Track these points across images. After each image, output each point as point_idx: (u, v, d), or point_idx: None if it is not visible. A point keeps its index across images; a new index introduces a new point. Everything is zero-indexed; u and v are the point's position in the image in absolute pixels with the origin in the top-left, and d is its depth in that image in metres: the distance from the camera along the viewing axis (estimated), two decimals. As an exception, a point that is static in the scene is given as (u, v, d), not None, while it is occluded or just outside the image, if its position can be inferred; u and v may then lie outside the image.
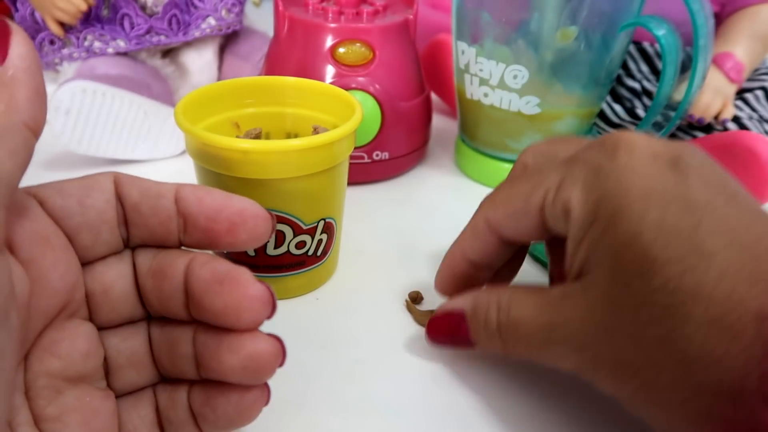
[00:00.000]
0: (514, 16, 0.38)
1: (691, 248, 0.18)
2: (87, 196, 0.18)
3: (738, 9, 0.44)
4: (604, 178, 0.20)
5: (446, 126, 0.53)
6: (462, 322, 0.25)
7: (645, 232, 0.19)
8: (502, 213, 0.25)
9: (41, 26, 0.47)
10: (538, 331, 0.22)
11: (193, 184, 0.20)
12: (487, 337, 0.24)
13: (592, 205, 0.20)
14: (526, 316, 0.22)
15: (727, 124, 0.42)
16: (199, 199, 0.19)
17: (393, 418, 0.25)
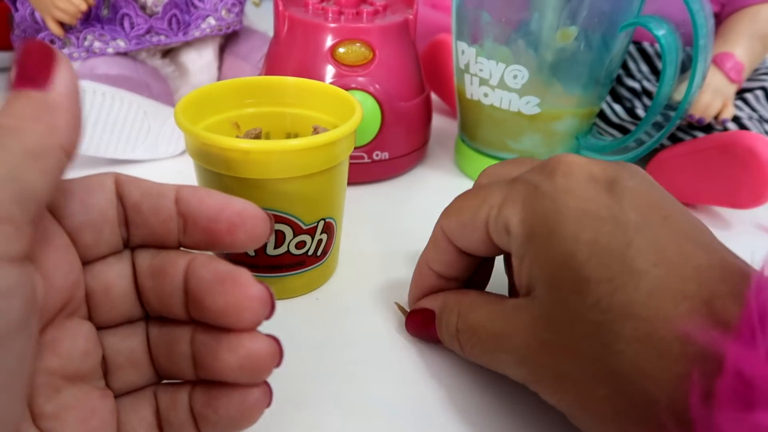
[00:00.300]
0: (514, 16, 0.38)
1: (622, 267, 0.19)
2: (89, 195, 0.18)
3: (738, 9, 0.44)
4: (540, 197, 0.22)
5: (446, 126, 0.53)
6: (432, 320, 0.27)
7: (579, 252, 0.20)
8: (454, 223, 0.25)
9: (41, 26, 0.47)
10: (490, 338, 0.23)
11: (193, 186, 0.20)
12: (448, 338, 0.26)
13: (530, 224, 0.22)
14: (481, 323, 0.24)
15: (727, 124, 0.42)
16: (200, 199, 0.19)
17: (393, 418, 0.25)
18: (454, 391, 0.26)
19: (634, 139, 0.41)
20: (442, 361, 0.28)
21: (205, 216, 0.19)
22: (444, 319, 0.26)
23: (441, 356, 0.28)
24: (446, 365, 0.27)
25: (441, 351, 0.28)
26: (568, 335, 0.20)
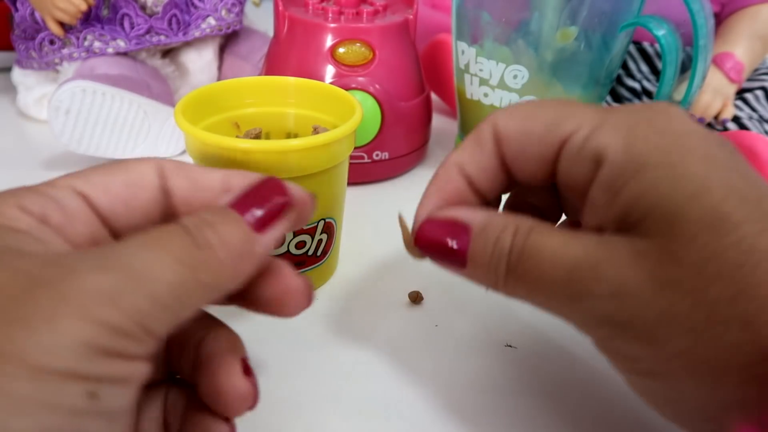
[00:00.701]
0: (514, 16, 0.38)
1: (761, 214, 0.18)
2: (133, 197, 0.18)
3: (738, 9, 0.44)
4: (657, 131, 0.19)
5: (446, 126, 0.53)
6: (464, 234, 0.21)
7: (714, 190, 0.18)
8: (516, 127, 0.22)
9: (41, 26, 0.47)
10: (561, 265, 0.19)
11: (241, 172, 0.20)
12: (489, 260, 0.21)
13: (640, 154, 0.19)
14: (550, 245, 0.20)
15: (727, 124, 0.42)
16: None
17: (393, 418, 0.25)
18: (455, 391, 0.26)
19: (634, 139, 0.41)
20: (443, 361, 0.28)
21: None
22: (491, 236, 0.21)
23: (441, 356, 0.28)
24: (447, 365, 0.27)
25: (441, 351, 0.28)
26: (695, 274, 0.18)
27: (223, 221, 0.17)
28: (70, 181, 0.18)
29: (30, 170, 0.43)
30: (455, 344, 0.29)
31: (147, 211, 0.19)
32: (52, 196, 0.17)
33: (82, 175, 0.18)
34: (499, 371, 0.27)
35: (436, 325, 0.30)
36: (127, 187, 0.18)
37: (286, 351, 0.28)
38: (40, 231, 0.16)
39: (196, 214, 0.17)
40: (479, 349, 0.28)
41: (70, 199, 0.17)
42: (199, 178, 0.19)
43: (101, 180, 0.18)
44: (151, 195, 0.19)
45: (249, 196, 0.18)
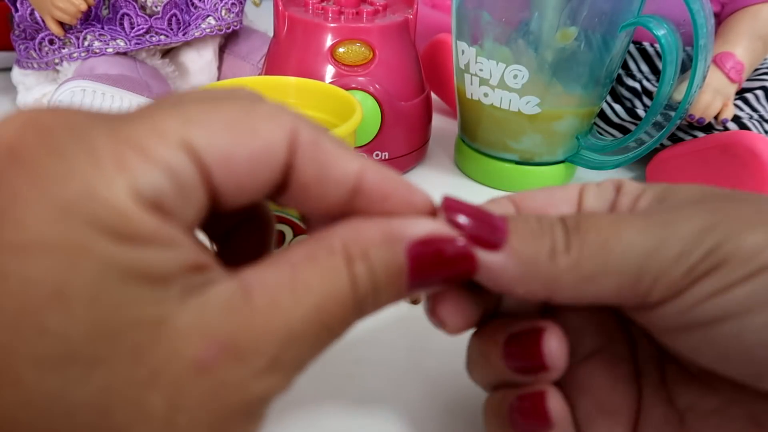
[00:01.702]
0: (514, 16, 0.38)
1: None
2: (253, 178, 0.14)
3: (738, 9, 0.44)
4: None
5: (446, 126, 0.53)
6: (499, 219, 0.17)
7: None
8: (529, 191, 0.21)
9: (41, 26, 0.47)
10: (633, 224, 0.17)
11: (380, 168, 0.16)
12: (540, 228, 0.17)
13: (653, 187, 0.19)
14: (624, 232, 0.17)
15: (728, 124, 0.42)
16: (384, 198, 0.16)
17: (393, 418, 0.25)
18: (455, 391, 0.26)
19: (635, 139, 0.41)
20: (443, 361, 0.28)
21: (377, 211, 0.16)
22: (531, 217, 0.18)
23: (442, 356, 0.28)
24: (447, 365, 0.27)
25: (442, 351, 0.28)
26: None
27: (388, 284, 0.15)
28: (184, 132, 0.13)
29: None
30: (455, 344, 0.29)
31: (257, 193, 0.15)
32: (165, 164, 0.13)
33: (200, 122, 0.13)
34: (499, 371, 0.27)
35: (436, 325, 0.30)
36: (250, 162, 0.14)
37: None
38: (159, 230, 0.13)
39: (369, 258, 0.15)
40: (479, 349, 0.28)
41: (186, 170, 0.13)
42: (331, 167, 0.15)
43: (225, 144, 0.14)
44: (273, 176, 0.15)
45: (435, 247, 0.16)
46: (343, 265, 0.14)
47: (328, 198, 0.15)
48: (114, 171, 0.12)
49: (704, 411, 0.18)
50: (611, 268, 0.16)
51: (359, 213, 0.16)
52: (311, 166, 0.15)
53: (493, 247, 0.17)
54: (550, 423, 0.18)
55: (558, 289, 0.17)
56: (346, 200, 0.16)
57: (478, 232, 0.17)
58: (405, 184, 0.16)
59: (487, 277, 0.17)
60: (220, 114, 0.14)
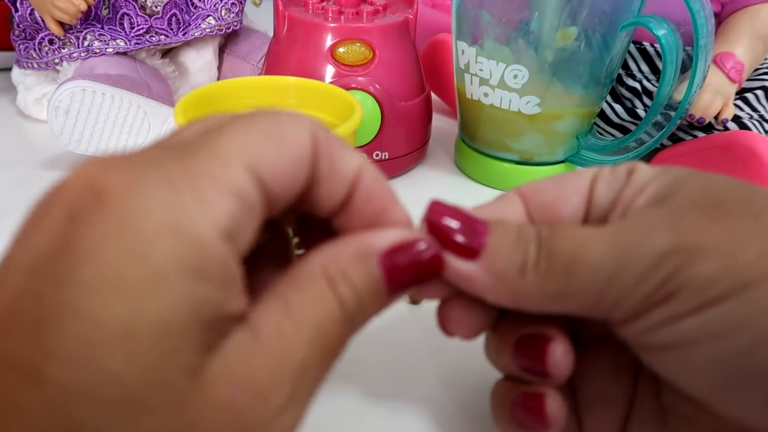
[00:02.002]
0: (514, 16, 0.38)
1: None
2: (295, 179, 0.15)
3: (738, 9, 0.44)
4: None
5: (446, 126, 0.53)
6: (479, 224, 0.18)
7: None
8: (539, 182, 0.21)
9: (41, 26, 0.47)
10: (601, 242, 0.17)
11: (374, 169, 0.17)
12: (515, 241, 0.18)
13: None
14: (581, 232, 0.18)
15: (728, 124, 0.42)
16: (370, 198, 0.17)
17: (393, 418, 0.25)
18: (455, 391, 0.26)
19: (635, 138, 0.41)
20: (443, 361, 0.28)
21: (361, 218, 0.17)
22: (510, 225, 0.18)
23: (441, 356, 0.28)
24: (447, 364, 0.27)
25: (442, 351, 0.28)
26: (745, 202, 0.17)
27: (371, 298, 0.16)
28: (244, 156, 0.14)
29: (29, 170, 0.43)
30: (455, 344, 0.29)
31: (298, 191, 0.15)
32: (236, 190, 0.13)
33: (251, 144, 0.14)
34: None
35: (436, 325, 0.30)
36: (293, 167, 0.15)
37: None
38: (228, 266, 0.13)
39: (349, 278, 0.15)
40: (479, 348, 0.28)
41: (252, 192, 0.14)
42: (338, 162, 0.16)
43: (272, 157, 0.14)
44: (307, 173, 0.15)
45: (403, 254, 0.16)
46: (328, 289, 0.15)
47: (335, 193, 0.16)
48: (195, 203, 0.13)
49: (680, 414, 0.19)
50: (574, 289, 0.17)
51: (349, 215, 0.17)
52: (327, 162, 0.16)
53: (468, 257, 0.18)
54: (547, 423, 0.19)
55: (525, 303, 0.18)
56: (346, 197, 0.16)
57: (455, 240, 0.18)
58: (389, 190, 0.17)
59: (461, 283, 0.18)
60: (260, 129, 0.15)
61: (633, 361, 0.21)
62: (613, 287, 0.17)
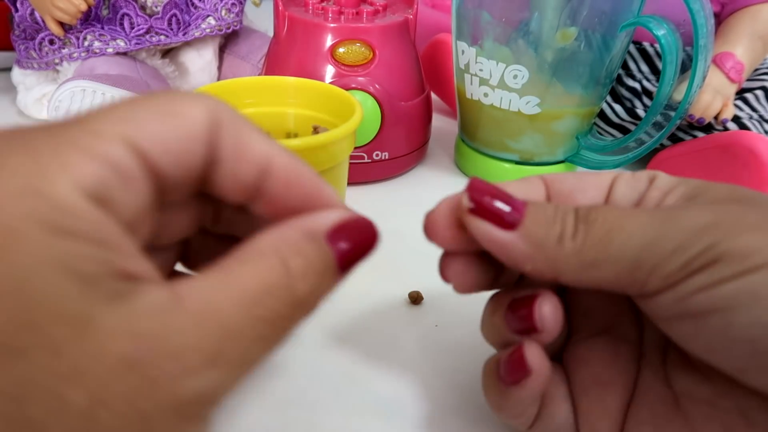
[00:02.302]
0: (514, 16, 0.38)
1: None
2: (187, 152, 0.15)
3: (738, 9, 0.44)
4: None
5: (446, 126, 0.53)
6: (520, 202, 0.19)
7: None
8: (561, 173, 0.22)
9: (41, 26, 0.47)
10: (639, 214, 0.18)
11: (288, 155, 0.17)
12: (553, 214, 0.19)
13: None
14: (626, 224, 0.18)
15: (727, 124, 0.42)
16: (289, 184, 0.17)
17: (393, 418, 0.25)
18: (455, 391, 0.26)
19: (635, 139, 0.41)
20: (443, 361, 0.28)
21: (285, 205, 0.17)
22: (549, 205, 0.19)
23: (441, 356, 0.28)
24: (447, 364, 0.27)
25: (441, 351, 0.28)
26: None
27: (325, 270, 0.16)
28: (119, 128, 0.14)
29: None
30: (455, 344, 0.29)
31: (195, 168, 0.16)
32: (106, 158, 0.14)
33: (131, 119, 0.15)
34: (499, 371, 0.27)
35: (436, 325, 0.30)
36: (181, 141, 0.15)
37: (286, 351, 0.28)
38: (100, 225, 0.13)
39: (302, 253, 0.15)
40: (479, 349, 0.28)
41: (126, 159, 0.14)
42: (246, 145, 0.16)
43: (155, 129, 0.15)
44: (203, 150, 0.16)
45: (346, 230, 0.17)
46: (278, 265, 0.15)
47: (241, 175, 0.16)
48: (56, 167, 0.13)
49: (698, 398, 0.19)
50: (611, 256, 0.18)
51: (267, 201, 0.17)
52: (229, 142, 0.16)
53: (509, 226, 0.19)
54: (528, 371, 0.20)
55: (562, 271, 0.19)
56: (257, 181, 0.16)
57: (496, 210, 0.19)
58: (313, 176, 0.17)
59: (500, 251, 0.19)
60: (147, 106, 0.15)
61: (634, 351, 0.21)
62: (650, 254, 0.17)
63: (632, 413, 0.20)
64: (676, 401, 0.20)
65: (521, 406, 0.21)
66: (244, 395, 0.25)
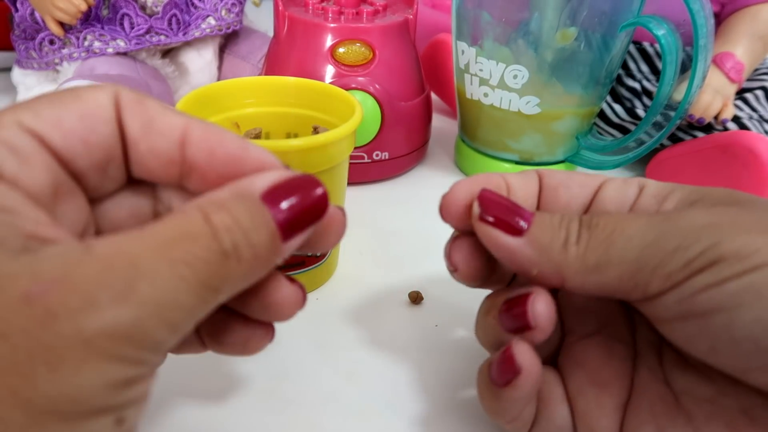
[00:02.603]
0: (514, 16, 0.38)
1: None
2: (91, 131, 0.16)
3: (738, 9, 0.44)
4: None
5: (446, 126, 0.53)
6: (528, 211, 0.20)
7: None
8: (557, 171, 0.22)
9: (41, 26, 0.47)
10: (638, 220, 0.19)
11: (206, 124, 0.17)
12: (559, 221, 0.20)
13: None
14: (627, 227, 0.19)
15: (727, 124, 0.42)
16: (211, 150, 0.17)
17: (393, 418, 0.25)
18: (455, 391, 0.26)
19: (634, 139, 0.41)
20: (443, 361, 0.28)
21: (215, 171, 0.17)
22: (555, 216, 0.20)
23: (441, 356, 0.28)
24: (447, 365, 0.27)
25: (441, 351, 0.28)
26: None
27: (255, 226, 0.15)
28: (14, 116, 0.15)
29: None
30: (455, 344, 0.29)
31: (108, 148, 0.16)
32: (1, 141, 0.15)
33: (28, 107, 0.16)
34: (499, 371, 0.27)
35: (436, 325, 0.30)
36: (83, 120, 0.16)
37: (286, 351, 0.28)
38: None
39: (226, 207, 0.15)
40: (479, 349, 0.28)
41: (21, 140, 0.15)
42: (155, 119, 0.17)
43: (52, 113, 0.16)
44: (111, 129, 0.16)
45: (285, 190, 0.16)
46: (199, 217, 0.15)
47: (159, 151, 0.17)
48: None
49: (699, 397, 0.19)
50: (613, 258, 0.18)
51: (198, 175, 0.17)
52: (137, 119, 0.16)
53: (516, 233, 0.20)
54: (517, 370, 0.20)
55: (566, 275, 0.19)
56: (177, 154, 0.17)
57: (504, 218, 0.20)
58: (236, 139, 0.17)
59: (508, 256, 0.20)
60: (49, 97, 0.16)
61: (629, 351, 0.22)
62: (652, 255, 0.18)
63: (632, 413, 0.20)
64: (677, 400, 0.20)
65: (515, 409, 0.21)
66: (244, 395, 0.25)
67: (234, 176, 0.17)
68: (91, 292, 0.13)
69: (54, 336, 0.13)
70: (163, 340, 0.14)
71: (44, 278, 0.13)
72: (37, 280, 0.13)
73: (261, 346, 0.20)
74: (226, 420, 0.24)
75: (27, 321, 0.13)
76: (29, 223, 0.14)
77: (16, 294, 0.13)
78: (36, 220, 0.14)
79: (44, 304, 0.13)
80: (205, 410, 0.24)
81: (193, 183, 0.17)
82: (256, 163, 0.17)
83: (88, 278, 0.13)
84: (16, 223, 0.14)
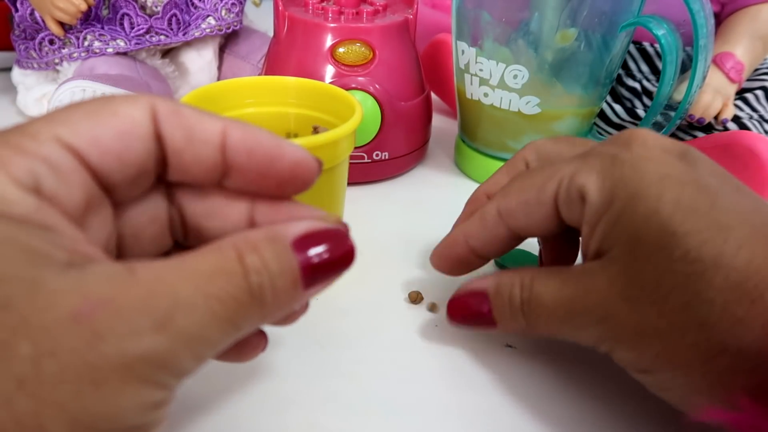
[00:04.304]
0: (514, 16, 0.38)
1: (708, 223, 0.20)
2: (127, 149, 0.16)
3: (738, 9, 0.44)
4: (620, 165, 0.22)
5: (446, 126, 0.53)
6: (484, 301, 0.25)
7: (662, 209, 0.20)
8: (514, 203, 0.25)
9: (41, 26, 0.47)
10: (560, 305, 0.23)
11: (242, 125, 0.18)
12: (510, 315, 0.25)
13: (609, 189, 0.22)
14: (549, 291, 0.23)
15: (727, 124, 0.42)
16: (250, 151, 0.17)
17: (393, 418, 0.25)
18: (454, 391, 0.26)
19: (634, 139, 0.41)
20: (443, 361, 0.28)
21: (255, 171, 0.18)
22: (504, 295, 0.25)
23: (441, 356, 0.28)
24: (446, 365, 0.27)
25: (442, 351, 0.28)
26: (654, 288, 0.20)
27: (281, 271, 0.16)
28: (52, 130, 0.15)
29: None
30: (455, 344, 0.29)
31: (142, 164, 0.17)
32: (39, 155, 0.15)
33: (65, 121, 0.16)
34: (499, 371, 0.27)
35: (436, 325, 0.30)
36: (120, 139, 0.16)
37: (285, 351, 0.28)
38: (39, 211, 0.15)
39: (259, 250, 0.16)
40: (479, 349, 0.28)
41: (60, 157, 0.15)
42: (195, 128, 0.17)
43: (90, 129, 0.16)
44: (146, 145, 0.17)
45: (316, 240, 0.17)
46: (234, 256, 0.15)
47: (203, 158, 0.17)
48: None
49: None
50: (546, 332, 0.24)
51: (237, 174, 0.18)
52: (177, 130, 0.17)
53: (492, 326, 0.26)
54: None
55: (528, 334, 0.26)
56: (219, 159, 0.17)
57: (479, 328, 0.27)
58: (271, 138, 0.18)
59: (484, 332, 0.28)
60: (84, 109, 0.16)
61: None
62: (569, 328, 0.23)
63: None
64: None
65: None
66: (244, 395, 0.25)
67: (271, 173, 0.18)
68: (134, 318, 0.14)
69: (99, 357, 0.13)
70: (189, 368, 0.15)
71: (92, 298, 0.14)
72: (86, 299, 0.13)
73: (254, 354, 0.21)
74: (226, 420, 0.24)
75: (75, 340, 0.13)
76: (68, 240, 0.15)
77: (65, 311, 0.13)
78: (73, 237, 0.15)
79: (91, 324, 0.13)
80: (205, 410, 0.24)
81: (232, 181, 0.18)
82: (292, 159, 0.18)
83: (132, 303, 0.14)
84: (58, 240, 0.14)
